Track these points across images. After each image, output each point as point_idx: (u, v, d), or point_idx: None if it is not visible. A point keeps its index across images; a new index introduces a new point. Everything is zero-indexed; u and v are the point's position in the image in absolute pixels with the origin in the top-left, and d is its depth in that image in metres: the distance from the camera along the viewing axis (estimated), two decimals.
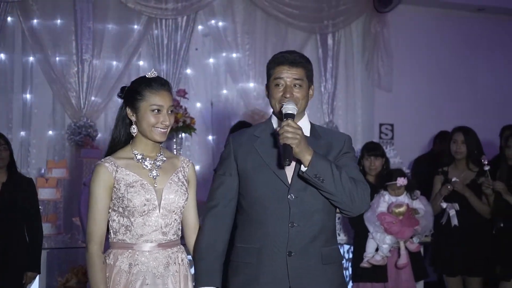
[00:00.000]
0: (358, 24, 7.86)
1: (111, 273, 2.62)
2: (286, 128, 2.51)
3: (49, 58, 6.55)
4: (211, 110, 7.17)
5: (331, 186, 2.57)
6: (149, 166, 2.71)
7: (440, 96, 8.02)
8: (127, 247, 2.65)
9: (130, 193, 2.62)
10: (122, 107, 2.75)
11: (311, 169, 2.55)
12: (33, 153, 6.61)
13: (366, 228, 4.76)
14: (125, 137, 2.75)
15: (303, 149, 2.54)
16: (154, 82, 2.68)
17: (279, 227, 2.65)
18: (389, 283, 4.81)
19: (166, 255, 2.69)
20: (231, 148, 2.79)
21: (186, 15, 7.03)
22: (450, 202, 5.05)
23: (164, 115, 2.68)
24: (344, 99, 7.82)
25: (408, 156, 6.73)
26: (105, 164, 2.65)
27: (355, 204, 2.62)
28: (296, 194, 2.65)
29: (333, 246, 2.75)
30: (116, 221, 2.66)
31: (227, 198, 2.76)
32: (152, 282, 2.63)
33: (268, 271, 2.65)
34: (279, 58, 2.74)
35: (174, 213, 2.72)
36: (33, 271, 4.48)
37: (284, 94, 2.68)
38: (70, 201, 6.18)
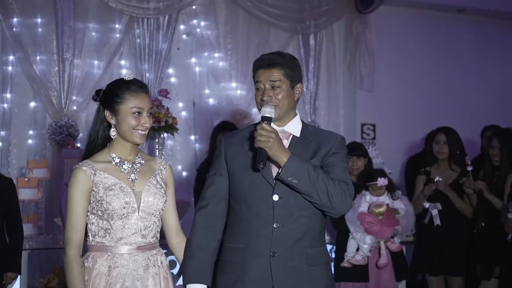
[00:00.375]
0: (340, 24, 7.87)
1: (90, 276, 2.61)
2: (260, 131, 2.53)
3: (30, 57, 6.49)
4: (193, 109, 7.14)
5: (307, 187, 2.57)
6: (128, 170, 2.71)
7: (422, 96, 8.07)
8: (106, 250, 2.65)
9: (109, 196, 2.61)
10: (99, 110, 2.74)
11: (285, 171, 2.55)
12: (14, 153, 6.54)
13: (348, 228, 4.78)
14: (102, 139, 2.74)
15: (277, 152, 2.54)
16: (133, 85, 2.69)
17: (263, 227, 2.65)
18: (370, 283, 4.83)
19: (146, 258, 2.69)
20: (222, 148, 2.81)
21: (168, 14, 6.99)
22: (432, 202, 5.08)
23: (144, 117, 2.69)
24: (326, 99, 7.83)
25: (390, 156, 6.75)
26: (82, 167, 2.64)
27: (335, 205, 2.60)
28: (281, 195, 2.65)
29: (319, 247, 2.74)
30: (95, 224, 2.65)
31: (217, 198, 2.77)
32: (132, 284, 2.63)
33: (252, 271, 2.65)
34: (258, 61, 2.76)
35: (153, 216, 2.73)
36: (13, 272, 4.43)
37: (262, 97, 2.69)
38: (52, 202, 6.13)
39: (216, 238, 2.76)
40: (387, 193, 4.82)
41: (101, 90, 2.75)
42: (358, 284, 4.87)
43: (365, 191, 4.82)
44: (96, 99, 2.75)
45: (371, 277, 4.82)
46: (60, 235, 5.52)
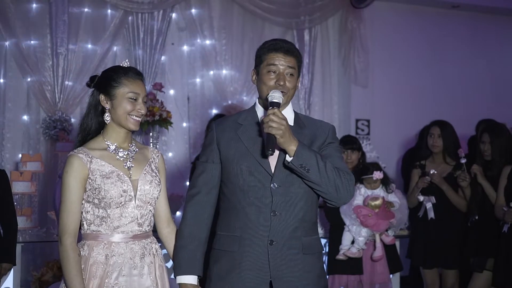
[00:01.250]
0: (334, 20, 7.87)
1: (86, 265, 2.59)
2: (272, 117, 2.49)
3: (23, 51, 6.47)
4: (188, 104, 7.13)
5: (316, 176, 2.56)
6: (124, 157, 2.70)
7: (416, 91, 8.09)
8: (102, 239, 2.63)
9: (107, 184, 2.60)
10: (93, 95, 2.72)
11: (296, 159, 2.53)
12: (7, 147, 6.52)
13: (342, 221, 4.79)
14: (96, 126, 2.72)
15: (288, 139, 2.52)
16: (130, 71, 2.70)
17: (261, 215, 2.64)
18: (364, 276, 4.84)
19: (142, 246, 2.69)
20: (214, 135, 2.77)
21: (162, 9, 6.98)
22: (427, 195, 5.09)
23: (140, 103, 2.68)
24: (320, 95, 7.83)
25: (384, 151, 6.75)
26: (78, 154, 2.61)
27: (340, 194, 2.62)
28: (279, 183, 2.64)
29: (314, 236, 2.75)
30: (90, 212, 2.63)
31: (209, 185, 2.74)
32: (128, 273, 2.62)
33: (249, 259, 2.64)
34: (274, 44, 2.73)
35: (149, 204, 2.72)
36: (8, 263, 4.41)
37: (278, 81, 2.66)
38: (45, 195, 6.13)
39: (208, 226, 2.74)
40: (381, 186, 4.83)
41: (96, 76, 2.75)
42: (352, 277, 4.88)
43: (360, 184, 4.82)
44: (90, 85, 2.74)
45: (365, 269, 4.83)
46: (54, 229, 5.50)
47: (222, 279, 2.68)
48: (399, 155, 7.76)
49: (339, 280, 4.92)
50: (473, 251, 4.85)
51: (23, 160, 5.85)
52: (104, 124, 2.71)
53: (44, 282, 5.36)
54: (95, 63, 6.69)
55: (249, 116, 2.78)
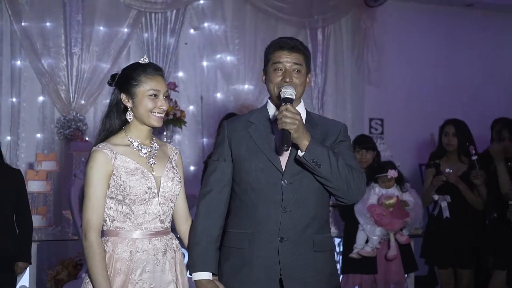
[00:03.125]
0: (347, 19, 7.85)
1: (110, 261, 2.59)
2: (285, 113, 2.50)
3: (38, 52, 6.50)
4: (201, 104, 7.14)
5: (328, 171, 2.57)
6: (147, 154, 2.70)
7: (430, 91, 8.05)
8: (126, 235, 2.62)
9: (132, 181, 2.59)
10: (115, 94, 2.72)
11: (309, 154, 2.54)
12: (23, 147, 6.55)
13: (356, 220, 4.78)
14: (119, 124, 2.72)
15: (301, 134, 2.53)
16: (148, 68, 2.68)
17: (272, 212, 2.64)
18: (378, 275, 4.83)
19: (164, 243, 2.69)
20: (225, 134, 2.78)
21: (176, 9, 7.00)
22: (442, 194, 5.07)
23: (161, 100, 2.67)
24: (333, 94, 7.81)
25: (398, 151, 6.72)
26: (103, 150, 2.60)
27: (351, 191, 2.62)
28: (290, 180, 2.64)
29: (325, 234, 2.75)
30: (114, 208, 2.63)
31: (221, 184, 2.74)
32: (152, 269, 2.62)
33: (260, 256, 2.65)
34: (279, 43, 2.74)
35: (171, 201, 2.71)
36: (24, 261, 4.44)
37: (284, 78, 2.67)
38: (60, 194, 6.15)
39: (220, 224, 2.74)
40: (396, 185, 4.82)
41: (116, 74, 2.74)
42: (366, 276, 4.87)
43: (374, 183, 4.81)
44: (111, 83, 2.74)
45: (380, 269, 4.82)
46: (69, 228, 5.54)
47: (233, 276, 2.69)
48: (413, 154, 7.73)
49: (353, 279, 4.91)
50: (492, 250, 4.82)
51: (38, 160, 5.89)
52: (126, 121, 2.71)
53: (59, 280, 5.40)
54: (109, 63, 6.72)
55: (260, 115, 2.79)
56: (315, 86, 7.57)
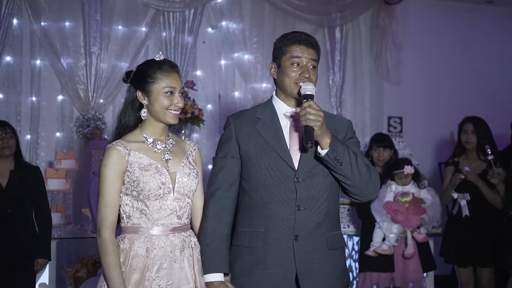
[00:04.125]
0: (366, 16, 7.82)
1: (126, 258, 2.58)
2: (309, 109, 2.47)
3: (57, 51, 6.55)
4: (219, 102, 7.15)
5: (349, 169, 2.56)
6: (161, 150, 2.69)
7: (450, 89, 7.98)
8: (142, 232, 2.62)
9: (146, 176, 2.59)
10: (130, 91, 2.71)
11: (332, 151, 2.52)
12: (42, 145, 6.62)
13: (374, 218, 4.75)
14: (134, 121, 2.71)
15: (324, 131, 2.50)
16: (164, 65, 2.66)
17: (285, 210, 2.62)
18: (395, 273, 4.79)
19: (181, 239, 2.67)
20: (232, 130, 2.74)
21: (194, 8, 7.01)
22: (461, 193, 5.04)
23: (177, 97, 2.66)
24: (352, 92, 7.79)
25: (417, 149, 6.68)
26: (117, 147, 2.61)
27: (369, 188, 2.62)
28: (303, 178, 2.63)
29: (337, 231, 2.74)
30: (130, 205, 2.63)
31: (229, 181, 2.71)
32: (169, 266, 2.61)
33: (275, 255, 2.63)
34: (295, 36, 2.70)
35: (187, 197, 2.69)
36: (43, 258, 4.48)
37: (303, 73, 2.64)
38: (79, 192, 6.20)
39: (230, 223, 2.72)
40: (413, 182, 4.78)
41: (131, 71, 2.73)
42: (383, 275, 4.84)
43: (391, 181, 4.79)
44: (126, 80, 2.73)
45: (397, 267, 4.78)
46: (88, 226, 5.58)
47: (246, 275, 2.67)
48: (432, 152, 7.68)
49: (370, 277, 4.88)
50: (510, 248, 4.77)
51: (57, 158, 5.94)
52: (141, 118, 2.71)
53: (79, 278, 5.43)
54: (128, 62, 6.75)
55: (266, 110, 2.75)
56: (333, 84, 7.55)
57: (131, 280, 2.56)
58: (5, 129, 4.40)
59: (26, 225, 4.41)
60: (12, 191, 4.34)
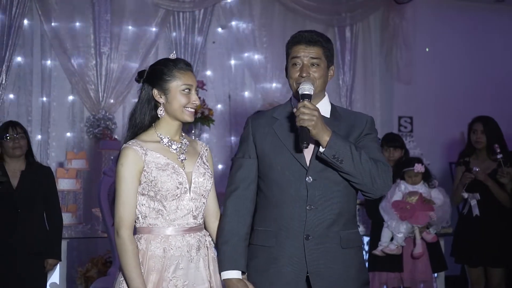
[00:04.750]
0: (376, 16, 7.81)
1: (144, 259, 2.58)
2: (302, 109, 2.47)
3: (68, 52, 6.58)
4: (229, 102, 7.16)
5: (351, 167, 2.53)
6: (177, 150, 2.69)
7: (460, 88, 7.95)
8: (159, 232, 2.62)
9: (163, 176, 2.58)
10: (145, 90, 2.70)
11: (329, 149, 2.51)
12: (53, 145, 6.64)
13: (382, 218, 4.74)
14: (149, 120, 2.70)
15: (320, 130, 2.50)
16: (180, 63, 2.67)
17: (296, 210, 2.62)
18: (404, 273, 4.78)
19: (197, 239, 2.67)
20: (249, 130, 2.75)
21: (203, 8, 7.02)
22: (471, 192, 5.02)
23: (193, 95, 2.67)
24: (362, 92, 7.77)
25: (427, 149, 6.67)
26: (133, 147, 2.60)
27: (376, 185, 2.59)
28: (314, 177, 2.61)
29: (352, 230, 2.71)
30: (146, 205, 2.62)
31: (247, 181, 2.72)
32: (186, 266, 2.61)
33: (287, 254, 2.62)
34: (296, 37, 2.71)
35: (203, 197, 2.70)
36: (54, 258, 4.49)
37: (301, 73, 2.64)
38: (90, 192, 6.21)
39: (248, 222, 2.71)
40: (423, 182, 4.76)
41: (144, 70, 2.72)
42: (392, 274, 4.83)
43: (400, 180, 4.77)
44: (139, 80, 2.72)
45: (406, 267, 4.76)
46: (98, 226, 5.59)
47: (260, 274, 2.67)
48: (443, 152, 7.65)
49: (379, 277, 4.87)
50: None
51: (68, 158, 5.97)
52: (156, 117, 2.70)
53: (89, 277, 5.46)
54: (138, 62, 6.77)
55: (284, 111, 2.76)
56: (343, 84, 7.54)
57: (150, 281, 2.56)
58: (16, 129, 4.41)
59: (37, 225, 4.42)
60: (23, 191, 4.35)
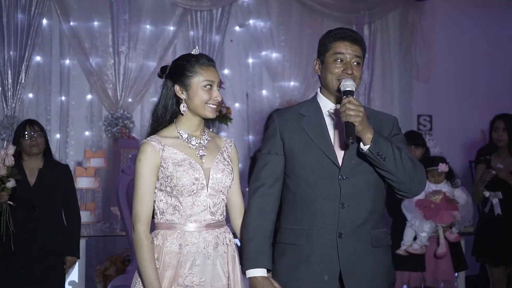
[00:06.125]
0: (395, 14, 7.76)
1: (160, 254, 2.57)
2: (348, 105, 2.43)
3: (86, 51, 6.61)
4: (247, 101, 7.14)
5: (392, 164, 2.51)
6: (196, 145, 2.66)
7: (480, 86, 7.87)
8: (175, 228, 2.60)
9: (179, 172, 2.57)
10: (167, 85, 2.68)
11: (374, 146, 2.48)
12: (71, 144, 6.67)
13: (404, 216, 4.70)
14: (170, 115, 2.69)
15: (365, 127, 2.46)
16: (202, 59, 2.64)
17: (329, 208, 2.58)
18: (427, 273, 4.74)
19: (215, 236, 2.64)
20: (276, 126, 2.71)
21: (221, 7, 7.02)
22: (493, 191, 4.96)
23: (215, 91, 2.64)
24: (380, 90, 7.73)
25: (447, 147, 6.61)
26: (151, 142, 2.59)
27: (414, 184, 2.56)
28: (347, 175, 2.58)
29: (382, 229, 2.68)
30: (164, 201, 2.61)
31: (273, 178, 2.68)
32: (202, 263, 2.59)
33: (318, 252, 2.59)
34: (340, 32, 2.66)
35: (222, 193, 2.67)
36: (72, 256, 4.50)
37: (346, 70, 2.59)
38: (108, 190, 6.24)
39: (273, 219, 2.68)
40: (446, 181, 4.72)
41: (166, 66, 2.70)
42: (414, 274, 4.78)
43: None
44: (161, 75, 2.70)
45: (428, 266, 4.72)
46: (117, 224, 5.61)
47: (290, 273, 2.64)
48: (463, 151, 7.58)
49: (401, 276, 4.82)
50: None
51: (86, 157, 6.00)
52: (177, 113, 2.69)
53: (107, 276, 5.48)
54: (156, 61, 6.78)
55: (311, 107, 2.72)
56: (361, 82, 7.46)
57: (165, 277, 2.55)
58: (33, 127, 4.42)
59: (55, 222, 4.42)
60: (40, 189, 4.36)
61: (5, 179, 4.04)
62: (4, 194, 4.07)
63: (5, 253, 4.19)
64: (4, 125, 6.29)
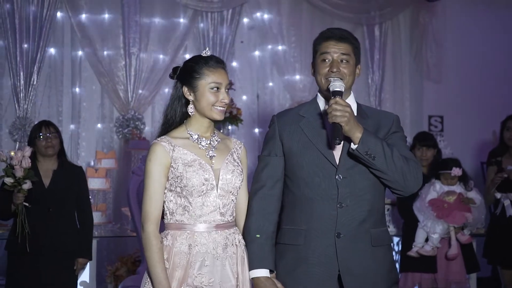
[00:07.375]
0: (406, 14, 7.72)
1: (170, 254, 2.59)
2: (335, 106, 2.46)
3: (97, 52, 6.63)
4: (257, 102, 7.15)
5: (383, 163, 2.52)
6: (206, 146, 2.68)
7: (491, 86, 7.82)
8: (185, 228, 2.62)
9: (189, 172, 2.58)
10: (176, 87, 2.71)
11: (362, 146, 2.50)
12: (83, 145, 6.70)
13: (415, 217, 4.68)
14: (180, 117, 2.71)
15: (353, 126, 2.49)
16: (211, 60, 2.65)
17: (327, 208, 2.60)
18: (438, 274, 4.72)
19: (224, 237, 2.65)
20: (276, 128, 2.74)
21: (232, 7, 7.03)
22: (504, 192, 4.94)
23: (223, 93, 2.65)
24: (391, 91, 7.70)
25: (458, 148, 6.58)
26: (161, 143, 2.61)
27: (408, 182, 2.57)
28: (344, 175, 2.60)
29: (382, 227, 2.70)
30: (173, 201, 2.63)
31: (273, 179, 2.70)
32: (211, 263, 2.60)
33: (317, 252, 2.60)
34: (326, 33, 2.70)
35: (231, 194, 2.68)
36: (84, 257, 4.51)
37: (331, 68, 2.63)
38: (119, 191, 6.26)
39: (275, 220, 2.70)
40: (459, 183, 4.70)
41: (178, 67, 2.73)
42: (425, 275, 4.77)
43: (435, 179, 4.70)
44: (172, 76, 2.73)
45: (440, 268, 4.71)
46: (128, 225, 5.62)
47: (289, 274, 2.65)
48: (474, 152, 7.55)
49: (412, 278, 4.82)
50: None
51: (97, 158, 6.02)
52: (188, 114, 2.70)
53: (118, 276, 5.49)
54: (167, 62, 6.79)
55: (311, 108, 2.74)
56: (372, 83, 7.48)
57: (175, 277, 2.57)
58: (49, 128, 4.45)
59: (69, 224, 4.45)
60: (54, 190, 4.39)
61: (22, 181, 4.07)
62: (20, 195, 4.11)
63: (21, 253, 4.23)
64: (17, 126, 6.32)
